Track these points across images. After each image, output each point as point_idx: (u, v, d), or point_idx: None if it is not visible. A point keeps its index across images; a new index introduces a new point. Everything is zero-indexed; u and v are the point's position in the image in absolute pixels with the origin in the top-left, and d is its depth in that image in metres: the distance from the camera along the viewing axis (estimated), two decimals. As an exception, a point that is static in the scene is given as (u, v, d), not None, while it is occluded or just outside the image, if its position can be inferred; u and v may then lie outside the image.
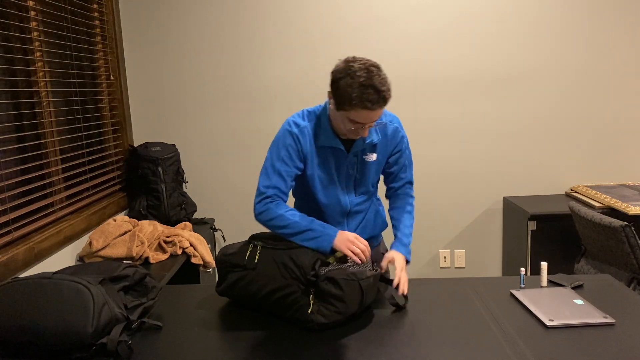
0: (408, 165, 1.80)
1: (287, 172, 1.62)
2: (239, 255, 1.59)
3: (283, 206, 1.58)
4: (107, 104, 3.01)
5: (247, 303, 1.60)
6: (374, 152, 1.71)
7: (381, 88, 1.45)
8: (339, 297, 1.42)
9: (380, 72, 1.48)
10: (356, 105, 1.47)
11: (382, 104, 1.48)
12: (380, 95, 1.45)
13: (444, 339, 1.39)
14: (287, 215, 1.55)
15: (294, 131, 1.63)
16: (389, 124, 1.71)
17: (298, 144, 1.63)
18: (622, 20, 3.10)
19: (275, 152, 1.63)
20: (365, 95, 1.45)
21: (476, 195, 3.32)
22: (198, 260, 2.63)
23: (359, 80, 1.45)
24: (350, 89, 1.46)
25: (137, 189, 2.98)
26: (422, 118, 3.21)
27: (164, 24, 3.14)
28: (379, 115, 1.52)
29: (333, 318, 1.43)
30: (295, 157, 1.63)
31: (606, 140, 3.23)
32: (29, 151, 2.29)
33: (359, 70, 1.46)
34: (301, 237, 1.53)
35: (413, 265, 3.41)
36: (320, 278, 1.43)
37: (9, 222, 2.05)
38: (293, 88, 3.20)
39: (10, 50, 2.18)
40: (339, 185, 1.72)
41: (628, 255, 2.25)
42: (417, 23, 3.12)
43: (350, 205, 1.75)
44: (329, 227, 1.55)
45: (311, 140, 1.65)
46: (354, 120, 1.51)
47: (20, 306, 1.34)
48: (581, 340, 1.34)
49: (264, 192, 1.59)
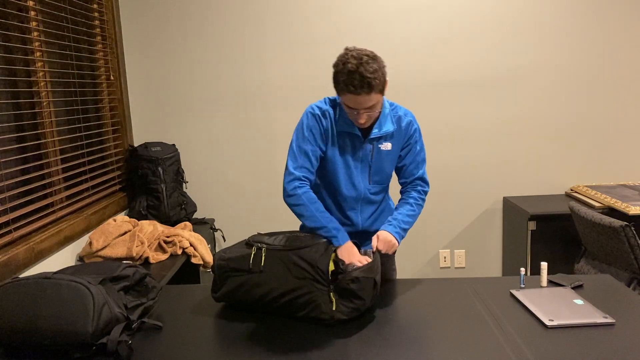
0: (420, 161, 1.84)
1: (313, 152, 1.72)
2: (242, 259, 1.58)
3: (310, 196, 1.68)
4: (107, 104, 3.01)
5: (250, 306, 1.59)
6: (389, 142, 1.78)
7: (366, 75, 1.53)
8: (358, 295, 1.47)
9: (372, 61, 1.55)
10: (342, 90, 1.59)
11: (367, 90, 1.55)
12: (364, 81, 1.53)
13: (444, 339, 1.39)
14: (312, 208, 1.66)
15: (317, 113, 1.74)
16: (403, 117, 1.78)
17: (320, 125, 1.73)
18: (623, 20, 3.10)
19: (300, 133, 1.73)
20: (349, 80, 1.55)
21: (476, 195, 3.32)
22: (198, 260, 2.63)
23: (347, 67, 1.55)
24: (340, 75, 1.58)
25: (137, 189, 2.98)
26: (422, 119, 3.21)
27: (164, 24, 3.14)
28: (368, 101, 1.58)
29: (352, 314, 1.49)
30: (319, 138, 1.73)
31: (606, 140, 3.23)
32: (29, 151, 2.29)
33: (352, 57, 1.56)
34: (317, 231, 1.64)
35: (413, 265, 3.41)
36: (346, 278, 1.46)
37: (9, 222, 2.05)
38: (293, 88, 3.20)
39: (10, 50, 2.18)
40: (354, 170, 1.78)
41: (628, 255, 2.25)
42: (417, 25, 3.12)
43: (364, 192, 1.81)
44: (342, 233, 1.64)
45: (332, 123, 1.74)
46: (347, 104, 1.62)
47: (20, 306, 1.34)
48: (581, 340, 1.34)
49: (293, 173, 1.69)
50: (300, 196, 1.66)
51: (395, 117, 1.77)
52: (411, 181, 1.84)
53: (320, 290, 1.47)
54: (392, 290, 1.73)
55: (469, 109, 3.21)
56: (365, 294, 1.48)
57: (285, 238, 1.60)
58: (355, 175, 1.78)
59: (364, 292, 1.48)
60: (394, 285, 1.77)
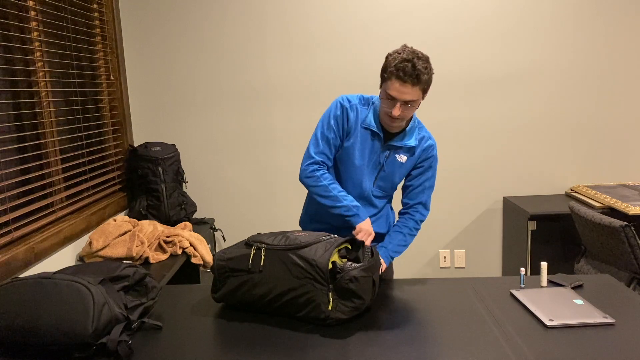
0: (427, 187, 1.86)
1: (334, 141, 1.78)
2: (241, 259, 1.58)
3: (328, 177, 1.77)
4: (107, 104, 3.01)
5: (250, 306, 1.59)
6: (406, 155, 1.80)
7: (418, 66, 1.59)
8: (358, 294, 1.47)
9: (425, 61, 1.63)
10: (391, 74, 1.61)
11: (414, 81, 1.60)
12: (415, 71, 1.59)
13: (444, 339, 1.39)
14: (330, 187, 1.75)
15: (345, 104, 1.78)
16: (426, 138, 1.82)
17: (345, 117, 1.78)
18: (623, 20, 3.10)
19: (326, 121, 1.79)
20: (401, 66, 1.60)
21: (476, 195, 3.32)
22: (198, 260, 2.63)
23: (402, 55, 1.62)
24: (393, 59, 1.63)
25: (137, 189, 2.98)
26: (422, 119, 3.21)
27: (164, 24, 3.14)
28: (411, 94, 1.62)
29: (352, 314, 1.49)
30: (340, 129, 1.78)
31: (606, 140, 3.24)
32: (29, 151, 2.29)
33: (408, 50, 1.64)
34: (336, 210, 1.75)
35: (413, 265, 3.41)
36: (344, 277, 1.46)
37: (9, 222, 2.05)
38: (293, 88, 3.20)
39: (10, 50, 2.18)
40: (364, 168, 1.81)
41: (628, 255, 2.25)
42: (417, 25, 3.12)
43: (367, 192, 1.84)
44: (362, 210, 1.75)
45: (357, 117, 1.78)
46: (388, 93, 1.64)
47: (20, 306, 1.34)
48: (581, 340, 1.34)
49: (313, 157, 1.77)
50: (319, 177, 1.75)
51: (420, 136, 1.81)
52: (413, 205, 1.87)
53: (320, 290, 1.47)
54: (392, 290, 1.73)
55: (469, 109, 3.21)
56: (365, 293, 1.49)
57: (284, 238, 1.59)
58: (363, 173, 1.81)
59: (363, 291, 1.48)
60: (394, 286, 1.77)
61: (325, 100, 3.20)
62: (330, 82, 3.18)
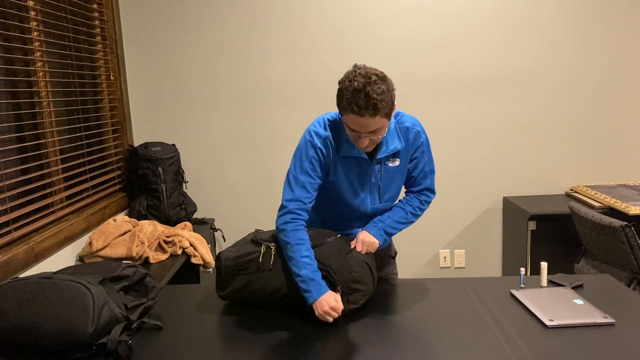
0: (428, 172, 1.76)
1: (311, 184, 1.62)
2: (251, 258, 1.61)
3: (299, 233, 1.57)
4: (107, 104, 3.01)
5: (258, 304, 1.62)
6: (397, 157, 1.69)
7: (373, 96, 1.42)
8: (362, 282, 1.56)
9: (380, 82, 1.44)
10: (346, 108, 1.47)
11: (372, 112, 1.44)
12: (370, 103, 1.42)
13: (444, 339, 1.39)
14: (295, 248, 1.54)
15: (316, 143, 1.61)
16: (410, 128, 1.67)
17: (321, 156, 1.62)
18: (623, 20, 3.10)
19: (298, 164, 1.62)
20: (354, 99, 1.43)
21: (476, 195, 3.32)
22: (198, 260, 2.63)
23: (354, 85, 1.44)
24: (345, 92, 1.46)
25: (137, 189, 2.98)
26: (422, 119, 3.21)
27: (164, 24, 3.14)
28: (372, 125, 1.47)
29: (362, 301, 1.57)
30: (318, 168, 1.62)
31: (606, 140, 3.23)
32: (29, 151, 2.29)
33: (359, 76, 1.45)
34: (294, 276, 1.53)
35: (413, 266, 3.41)
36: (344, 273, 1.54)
37: (9, 222, 2.05)
38: (293, 88, 3.20)
39: (10, 50, 2.18)
40: (362, 193, 1.70)
41: (628, 255, 2.25)
42: (418, 24, 3.12)
43: (372, 211, 1.74)
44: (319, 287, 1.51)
45: (334, 150, 1.63)
46: (349, 126, 1.51)
47: (20, 306, 1.34)
48: (581, 340, 1.34)
49: (285, 206, 1.60)
50: (287, 233, 1.56)
51: (403, 130, 1.66)
52: (419, 190, 1.78)
53: (331, 286, 1.53)
54: (392, 290, 1.74)
55: (469, 109, 3.21)
56: (365, 279, 1.57)
57: None
58: (362, 198, 1.71)
59: (364, 278, 1.56)
60: (394, 286, 1.77)
61: (325, 100, 3.20)
62: (330, 83, 3.18)
